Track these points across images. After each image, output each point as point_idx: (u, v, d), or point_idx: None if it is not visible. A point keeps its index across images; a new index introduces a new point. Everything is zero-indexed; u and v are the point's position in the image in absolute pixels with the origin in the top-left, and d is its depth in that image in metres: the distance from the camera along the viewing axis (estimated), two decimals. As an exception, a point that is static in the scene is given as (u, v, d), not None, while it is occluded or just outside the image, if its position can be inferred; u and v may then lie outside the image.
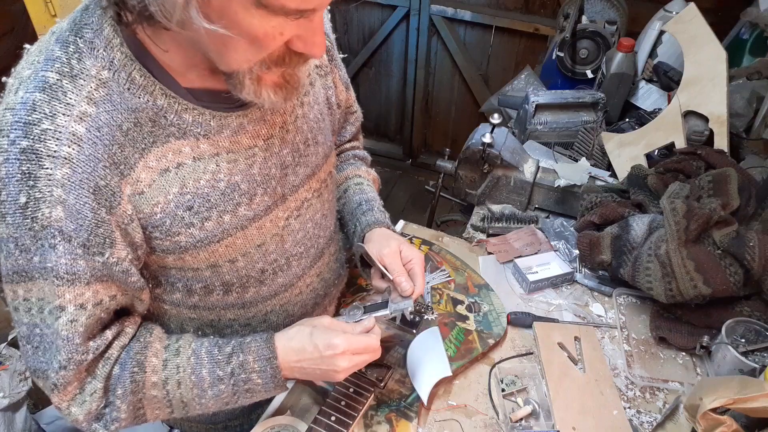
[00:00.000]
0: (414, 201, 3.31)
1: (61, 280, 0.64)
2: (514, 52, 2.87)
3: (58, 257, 0.63)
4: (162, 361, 0.75)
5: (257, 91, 0.64)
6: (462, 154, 1.42)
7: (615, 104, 1.73)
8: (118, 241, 0.67)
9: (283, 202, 0.81)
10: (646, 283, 1.07)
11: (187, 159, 0.69)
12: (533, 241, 1.32)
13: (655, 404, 0.99)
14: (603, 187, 1.35)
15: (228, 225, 0.75)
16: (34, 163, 0.59)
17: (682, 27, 1.48)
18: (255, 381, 0.77)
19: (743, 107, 1.55)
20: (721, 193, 1.12)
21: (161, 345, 0.77)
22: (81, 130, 0.61)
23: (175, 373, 0.75)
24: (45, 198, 0.60)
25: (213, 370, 0.75)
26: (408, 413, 0.92)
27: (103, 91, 0.62)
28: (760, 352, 1.00)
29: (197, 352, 0.76)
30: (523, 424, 0.94)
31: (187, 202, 0.70)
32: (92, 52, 0.62)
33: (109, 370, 0.73)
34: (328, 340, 0.75)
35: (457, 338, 1.04)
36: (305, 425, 0.88)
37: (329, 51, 0.90)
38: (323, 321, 0.81)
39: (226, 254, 0.77)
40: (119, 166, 0.64)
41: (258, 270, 0.83)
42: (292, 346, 0.77)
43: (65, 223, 0.62)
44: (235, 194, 0.74)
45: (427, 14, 2.89)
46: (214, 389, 0.76)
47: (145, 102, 0.64)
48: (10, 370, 1.60)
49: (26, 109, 0.59)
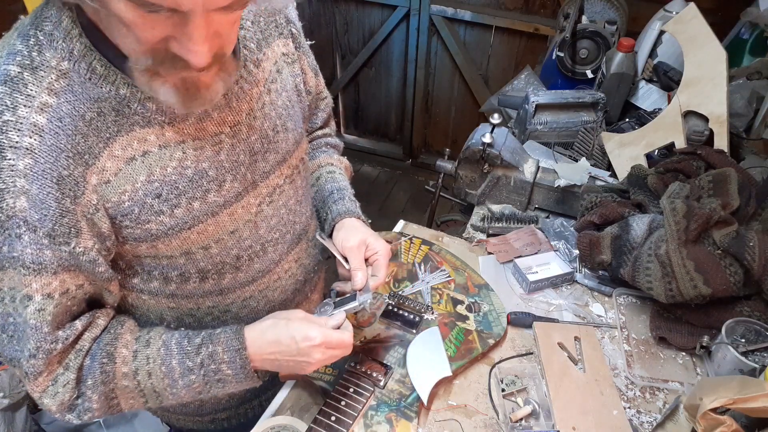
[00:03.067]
0: (414, 201, 3.31)
1: (28, 269, 0.64)
2: (514, 52, 2.87)
3: (23, 247, 0.63)
4: (132, 352, 0.76)
5: (150, 85, 0.62)
6: (462, 154, 1.42)
7: (615, 104, 1.73)
8: (84, 231, 0.67)
9: (254, 188, 0.82)
10: (646, 283, 1.07)
11: (152, 147, 0.69)
12: (533, 241, 1.32)
13: (655, 404, 0.99)
14: (603, 187, 1.35)
15: (198, 212, 0.75)
16: None
17: (682, 27, 1.48)
18: (225, 372, 0.77)
19: (743, 107, 1.55)
20: (721, 193, 1.12)
21: (132, 336, 0.77)
22: (42, 120, 0.61)
23: (145, 364, 0.75)
24: (8, 189, 0.60)
25: (182, 360, 0.76)
26: (408, 413, 0.92)
27: (64, 82, 0.63)
28: (760, 352, 1.00)
29: (167, 343, 0.77)
30: (523, 424, 0.94)
31: (155, 189, 0.71)
32: (52, 43, 0.62)
33: (81, 362, 0.73)
34: (305, 332, 0.77)
35: (457, 338, 1.04)
36: (305, 425, 0.88)
37: (296, 38, 0.91)
38: (297, 314, 0.82)
39: (198, 241, 0.77)
40: (83, 156, 0.64)
41: (233, 256, 0.83)
42: (265, 338, 0.78)
43: (29, 213, 0.62)
44: (203, 181, 0.74)
45: (427, 14, 2.89)
46: (184, 379, 0.77)
47: (108, 92, 0.65)
48: (10, 370, 1.60)
49: None
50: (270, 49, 0.84)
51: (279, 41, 0.86)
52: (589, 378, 1.01)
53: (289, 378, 1.00)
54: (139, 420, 1.93)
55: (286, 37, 0.88)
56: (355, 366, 0.97)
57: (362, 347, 1.01)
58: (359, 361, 0.98)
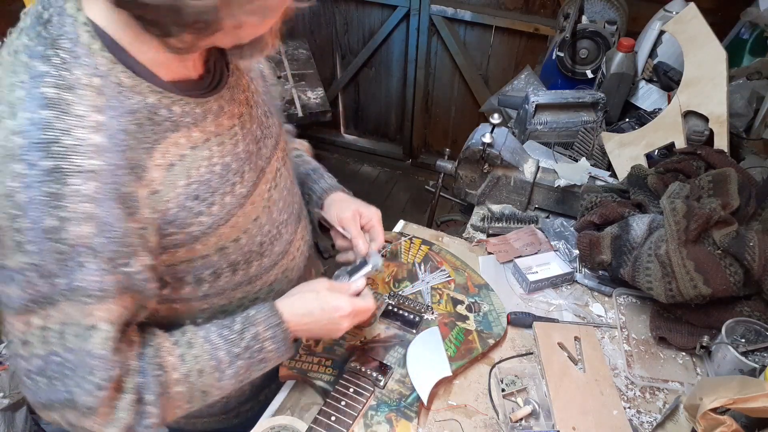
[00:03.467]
0: (414, 201, 3.31)
1: (92, 297, 0.63)
2: (514, 52, 2.87)
3: (86, 275, 0.62)
4: (178, 357, 0.75)
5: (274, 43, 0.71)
6: (462, 154, 1.42)
7: (615, 104, 1.73)
8: (139, 249, 0.67)
9: (263, 174, 0.85)
10: (646, 283, 1.07)
11: (185, 150, 0.71)
12: (533, 241, 1.32)
13: (655, 404, 0.99)
14: (603, 187, 1.35)
15: (230, 205, 0.78)
16: (60, 182, 0.58)
17: (682, 27, 1.48)
18: (268, 349, 0.81)
19: (743, 107, 1.55)
20: (721, 193, 1.12)
21: (170, 343, 0.77)
22: (99, 140, 0.60)
23: (194, 365, 0.76)
24: (73, 217, 0.59)
25: (229, 349, 0.78)
26: (408, 413, 0.92)
27: (103, 98, 0.62)
28: (760, 352, 1.00)
29: (208, 337, 0.78)
30: (523, 424, 0.94)
31: (193, 191, 0.72)
32: (77, 60, 0.61)
33: (135, 381, 0.71)
34: (335, 303, 0.84)
35: (457, 338, 1.04)
36: (305, 425, 0.88)
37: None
38: (323, 284, 0.87)
39: (231, 234, 0.80)
40: (135, 170, 0.64)
41: (258, 243, 0.86)
42: (297, 311, 0.83)
43: (94, 240, 0.61)
44: (229, 174, 0.77)
45: (427, 14, 2.89)
46: (232, 368, 0.79)
47: (138, 102, 0.65)
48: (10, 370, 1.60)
49: (38, 128, 0.57)
50: None
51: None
52: (589, 378, 1.01)
53: (287, 378, 1.00)
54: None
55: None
56: (355, 366, 0.97)
57: (362, 347, 1.01)
58: (359, 361, 0.98)
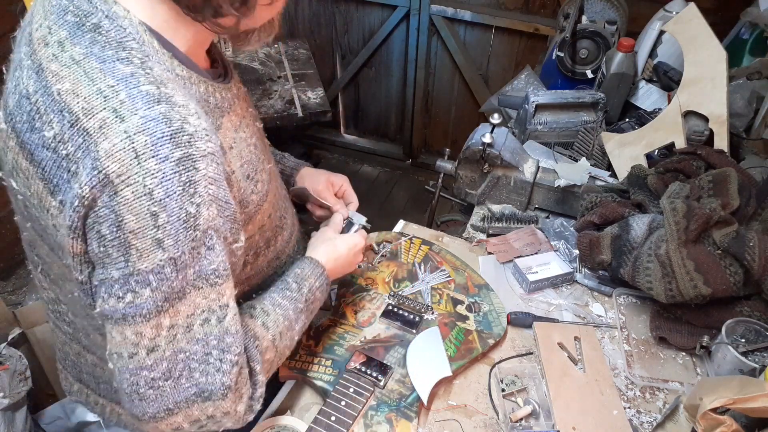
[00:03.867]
0: (414, 201, 3.31)
1: (222, 278, 0.65)
2: (514, 52, 2.87)
3: (216, 256, 0.64)
4: (262, 326, 0.79)
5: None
6: (462, 154, 1.42)
7: (615, 104, 1.73)
8: (241, 226, 0.71)
9: (267, 152, 0.91)
10: (646, 283, 1.07)
11: (233, 132, 0.75)
12: (533, 241, 1.32)
13: (655, 404, 0.99)
14: (603, 187, 1.35)
15: (266, 181, 0.83)
16: (191, 169, 0.59)
17: (682, 27, 1.48)
18: (318, 297, 0.91)
19: (743, 107, 1.55)
20: (721, 193, 1.12)
21: (248, 317, 0.79)
22: (205, 124, 0.62)
23: (276, 329, 0.81)
24: (204, 201, 0.61)
25: (295, 306, 0.85)
26: (408, 413, 0.92)
27: (182, 91, 0.64)
28: (760, 352, 1.00)
29: (275, 302, 0.84)
30: (523, 424, 0.94)
31: (245, 171, 0.76)
32: (151, 59, 0.62)
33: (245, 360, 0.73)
34: (353, 240, 0.99)
35: (457, 338, 1.04)
36: (305, 425, 0.89)
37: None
38: (330, 233, 0.99)
39: (267, 210, 0.85)
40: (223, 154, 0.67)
41: (278, 217, 0.92)
42: (330, 255, 0.94)
43: (218, 220, 0.63)
44: (259, 153, 0.82)
45: (427, 14, 2.89)
46: (299, 322, 0.86)
47: (195, 92, 0.68)
48: (10, 370, 1.60)
49: (158, 122, 0.57)
50: None
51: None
52: (589, 378, 1.01)
53: (287, 378, 1.00)
54: (139, 420, 1.93)
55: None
56: (355, 366, 0.97)
57: (362, 347, 1.01)
58: (359, 361, 0.98)
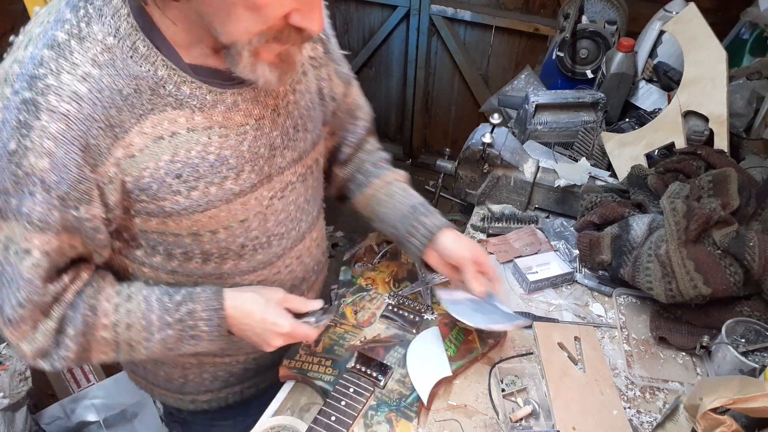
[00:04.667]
0: (414, 201, 3.31)
1: (33, 226, 0.68)
2: (514, 52, 2.87)
3: (34, 204, 0.67)
4: (113, 306, 0.80)
5: (253, 66, 0.67)
6: (462, 154, 1.42)
7: (615, 104, 1.73)
8: (95, 199, 0.70)
9: (269, 181, 0.84)
10: (646, 283, 1.07)
11: (181, 129, 0.72)
12: (533, 241, 1.32)
13: (655, 404, 0.99)
14: (603, 187, 1.35)
15: (213, 197, 0.78)
16: (33, 114, 0.63)
17: (682, 27, 1.48)
18: (201, 328, 0.82)
19: (743, 107, 1.54)
20: (721, 193, 1.12)
21: (113, 290, 0.81)
22: (83, 89, 0.64)
23: (125, 317, 0.80)
24: (35, 148, 0.64)
25: (162, 316, 0.81)
26: (408, 413, 0.92)
27: (107, 56, 0.66)
28: (760, 352, 1.00)
29: (148, 298, 0.81)
30: (523, 424, 0.94)
31: (176, 170, 0.73)
32: (100, 18, 0.65)
33: (63, 312, 0.77)
34: (278, 319, 0.83)
35: (457, 338, 1.04)
36: (305, 425, 0.88)
37: (325, 44, 0.92)
38: (278, 295, 0.86)
39: (208, 225, 0.80)
40: (114, 129, 0.68)
41: (238, 245, 0.86)
42: (241, 307, 0.83)
43: (48, 175, 0.65)
44: (223, 167, 0.77)
45: (427, 14, 2.89)
46: (161, 333, 0.81)
47: (146, 71, 0.68)
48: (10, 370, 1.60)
49: (34, 63, 0.63)
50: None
51: (308, 44, 0.87)
52: (589, 378, 1.01)
53: (287, 378, 1.00)
54: (139, 420, 1.93)
55: (315, 41, 0.90)
56: (355, 366, 0.97)
57: (362, 347, 1.01)
58: (359, 361, 0.98)
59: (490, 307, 0.98)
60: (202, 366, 1.02)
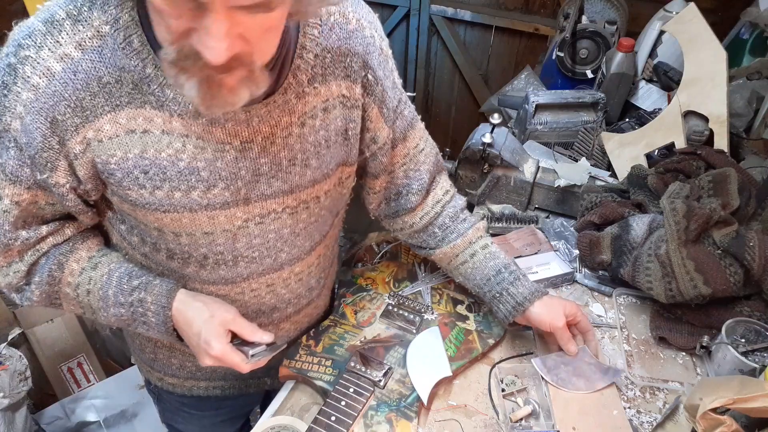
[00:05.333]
0: (414, 201, 3.31)
1: (5, 176, 0.74)
2: (514, 52, 2.87)
3: (8, 158, 0.72)
4: (80, 269, 0.84)
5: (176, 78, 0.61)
6: (462, 154, 1.42)
7: (615, 104, 1.73)
8: (61, 169, 0.73)
9: (246, 204, 0.81)
10: (646, 283, 1.07)
11: (155, 129, 0.72)
12: (533, 241, 1.32)
13: (655, 404, 0.99)
14: (603, 187, 1.35)
15: (177, 202, 0.77)
16: (12, 78, 0.67)
17: (682, 27, 1.48)
18: (150, 318, 0.85)
19: (743, 107, 1.54)
20: (721, 193, 1.12)
21: (87, 254, 0.86)
22: (57, 68, 0.67)
23: (86, 283, 0.84)
24: (11, 108, 0.68)
25: (116, 294, 0.84)
26: (408, 413, 0.92)
27: (97, 42, 0.67)
28: (760, 352, 1.00)
29: (111, 273, 0.85)
30: (523, 424, 0.94)
31: (144, 166, 0.74)
32: (103, 6, 0.67)
33: (36, 259, 0.83)
34: (212, 339, 0.81)
35: (457, 338, 1.04)
36: (305, 425, 0.88)
37: (370, 86, 0.86)
38: (227, 315, 0.84)
39: (170, 226, 0.80)
40: (85, 111, 0.69)
41: (201, 254, 0.85)
42: (185, 315, 0.84)
43: (20, 135, 0.70)
44: (192, 177, 0.76)
45: (427, 14, 2.89)
46: (115, 309, 0.85)
47: (134, 65, 0.68)
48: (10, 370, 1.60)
49: (25, 33, 0.67)
50: (325, 87, 0.80)
51: (342, 82, 0.82)
52: (589, 378, 1.00)
53: (287, 378, 1.00)
54: (139, 420, 1.93)
55: (354, 81, 0.83)
56: (355, 366, 0.97)
57: (362, 347, 1.01)
58: (359, 361, 0.98)
59: (584, 364, 1.00)
60: (172, 350, 1.03)
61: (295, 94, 0.77)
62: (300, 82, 0.77)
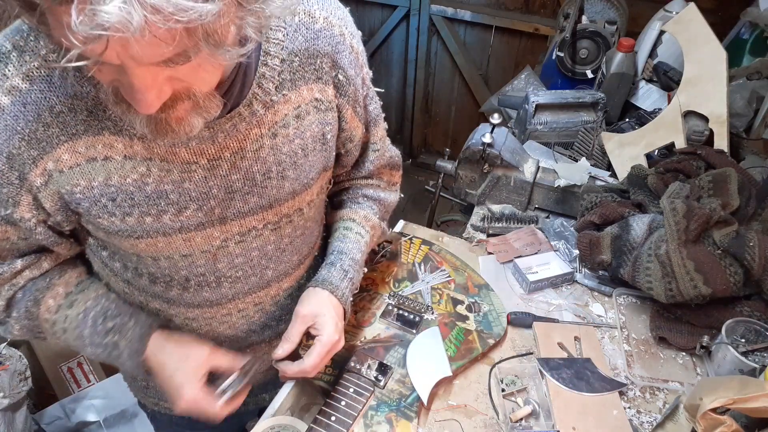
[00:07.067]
0: (414, 201, 3.31)
1: None
2: (514, 52, 2.87)
3: None
4: (56, 306, 0.82)
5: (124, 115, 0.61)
6: (462, 154, 1.42)
7: (615, 104, 1.73)
8: (24, 203, 0.71)
9: (222, 223, 0.79)
10: (646, 283, 1.07)
11: (117, 155, 0.69)
12: (533, 241, 1.32)
13: (655, 404, 0.99)
14: (603, 187, 1.35)
15: (149, 227, 0.74)
16: None
17: (682, 27, 1.48)
18: (124, 358, 0.83)
19: (743, 107, 1.55)
20: (721, 193, 1.12)
21: (64, 290, 0.83)
22: (5, 102, 0.64)
23: (62, 321, 0.82)
24: None
25: (92, 335, 0.82)
26: (408, 413, 0.92)
27: (44, 72, 0.64)
28: (760, 352, 1.00)
29: (87, 312, 0.82)
30: (523, 424, 0.94)
31: (111, 193, 0.71)
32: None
33: (12, 293, 0.81)
34: (181, 386, 0.80)
35: (457, 338, 1.04)
36: (305, 425, 0.88)
37: (342, 86, 0.83)
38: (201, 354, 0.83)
39: (147, 251, 0.78)
40: (40, 143, 0.67)
41: (182, 276, 0.83)
42: (159, 358, 0.83)
43: None
44: (161, 201, 0.73)
45: (427, 14, 2.89)
46: (92, 349, 0.83)
47: (87, 92, 0.65)
48: (10, 370, 1.60)
49: None
50: (295, 92, 0.77)
51: (313, 86, 0.79)
52: (589, 378, 1.01)
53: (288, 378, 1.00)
54: (139, 420, 1.93)
55: (326, 83, 0.80)
56: (355, 366, 0.97)
57: (362, 347, 1.01)
58: (359, 361, 0.98)
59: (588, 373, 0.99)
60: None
61: (263, 104, 0.73)
62: (267, 90, 0.73)
